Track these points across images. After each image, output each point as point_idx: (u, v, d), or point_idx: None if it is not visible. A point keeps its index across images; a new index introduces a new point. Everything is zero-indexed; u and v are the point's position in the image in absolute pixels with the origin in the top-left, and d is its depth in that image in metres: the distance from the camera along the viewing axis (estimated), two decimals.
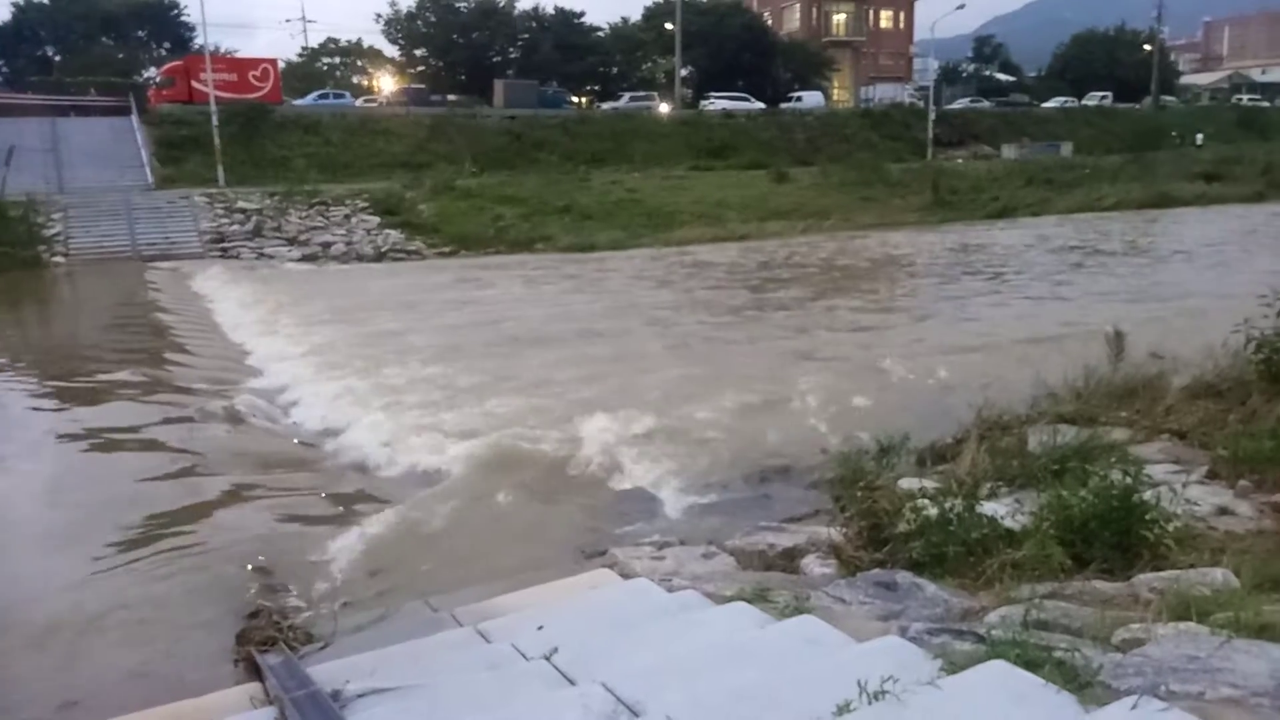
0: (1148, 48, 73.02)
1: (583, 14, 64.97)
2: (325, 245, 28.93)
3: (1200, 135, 57.79)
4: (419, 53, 64.03)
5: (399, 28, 63.56)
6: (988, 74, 78.42)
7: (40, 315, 21.65)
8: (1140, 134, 56.86)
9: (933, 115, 52.85)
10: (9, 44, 56.77)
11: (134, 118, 36.69)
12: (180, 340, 16.24)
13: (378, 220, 31.04)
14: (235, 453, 9.54)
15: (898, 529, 5.30)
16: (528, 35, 63.15)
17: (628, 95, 57.02)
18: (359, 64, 72.16)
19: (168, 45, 61.10)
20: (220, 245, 28.40)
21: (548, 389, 11.84)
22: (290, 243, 28.97)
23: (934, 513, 5.17)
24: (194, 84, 41.14)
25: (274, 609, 5.56)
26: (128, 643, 5.48)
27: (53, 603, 6.03)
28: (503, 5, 63.40)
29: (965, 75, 78.05)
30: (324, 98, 51.74)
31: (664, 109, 53.88)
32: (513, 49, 63.44)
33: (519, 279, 23.60)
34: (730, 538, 6.21)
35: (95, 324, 19.23)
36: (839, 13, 73.07)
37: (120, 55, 55.12)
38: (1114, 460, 5.88)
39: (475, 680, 3.83)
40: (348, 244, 29.20)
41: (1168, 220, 35.30)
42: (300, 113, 43.98)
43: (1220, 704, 2.70)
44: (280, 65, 48.36)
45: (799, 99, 58.16)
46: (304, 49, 73.70)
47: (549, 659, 3.85)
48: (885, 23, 75.23)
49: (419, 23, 62.87)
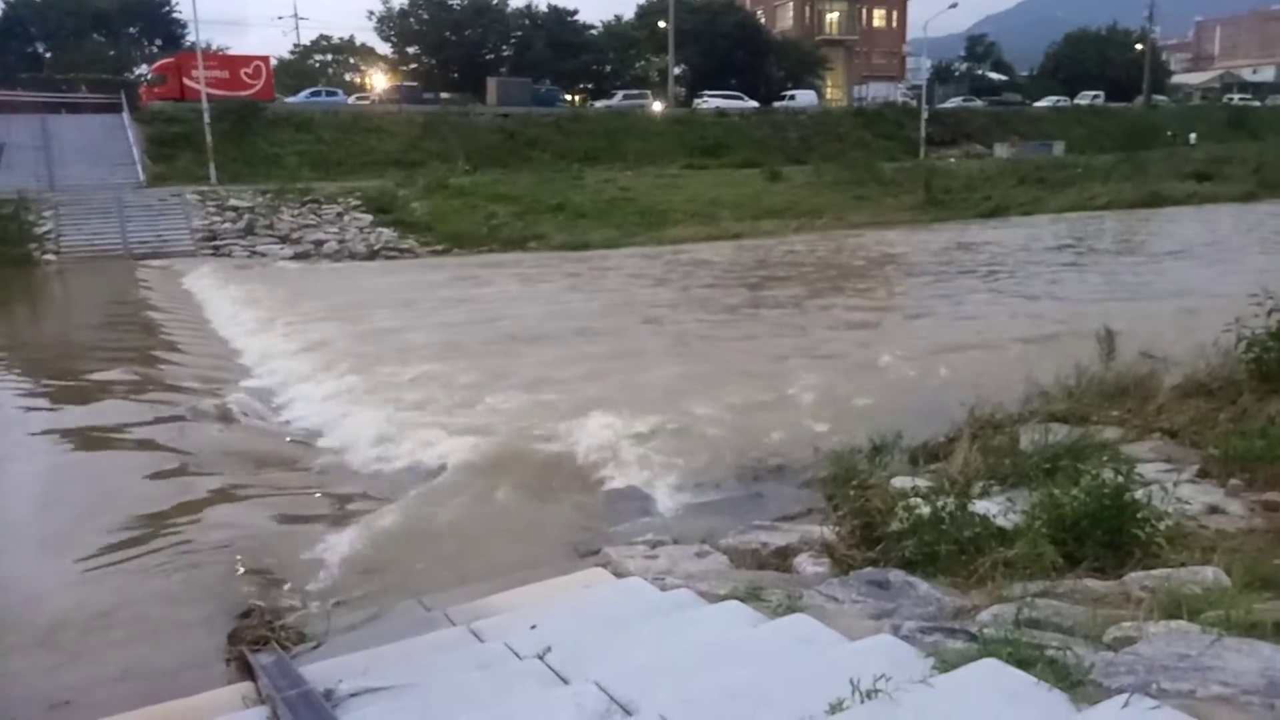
0: (1139, 47, 73.21)
1: (576, 12, 65.03)
2: (318, 243, 28.88)
3: (1193, 134, 58.13)
4: (412, 50, 63.89)
5: (391, 25, 63.40)
6: (980, 73, 78.56)
7: (31, 314, 21.56)
8: (1132, 133, 57.09)
9: (925, 114, 52.96)
10: None
11: (125, 115, 36.61)
12: (172, 339, 16.19)
13: (370, 218, 31.00)
14: (227, 451, 9.50)
15: (890, 528, 5.30)
16: (521, 33, 63.08)
17: (621, 93, 56.95)
18: (351, 61, 71.99)
19: (159, 42, 60.86)
20: (212, 243, 28.34)
21: (544, 387, 11.81)
22: (282, 241, 28.90)
23: (926, 511, 5.18)
24: (185, 81, 41.06)
25: (266, 608, 5.56)
26: (119, 642, 5.46)
27: (44, 603, 6.01)
28: (496, 3, 63.31)
29: (958, 74, 78.14)
30: (316, 95, 51.59)
31: (657, 107, 53.84)
32: (506, 47, 63.35)
33: (515, 277, 23.56)
34: (723, 536, 6.21)
35: (87, 322, 19.17)
36: (832, 11, 73.14)
37: (111, 52, 54.84)
38: (1106, 459, 5.90)
39: (468, 679, 3.82)
40: (340, 242, 29.14)
41: (1159, 220, 35.41)
42: (292, 110, 43.90)
43: (1211, 702, 2.71)
44: (272, 62, 48.24)
45: (792, 97, 58.22)
46: (296, 46, 73.79)
47: (542, 658, 3.85)
48: (878, 21, 75.29)
49: (411, 20, 62.74)
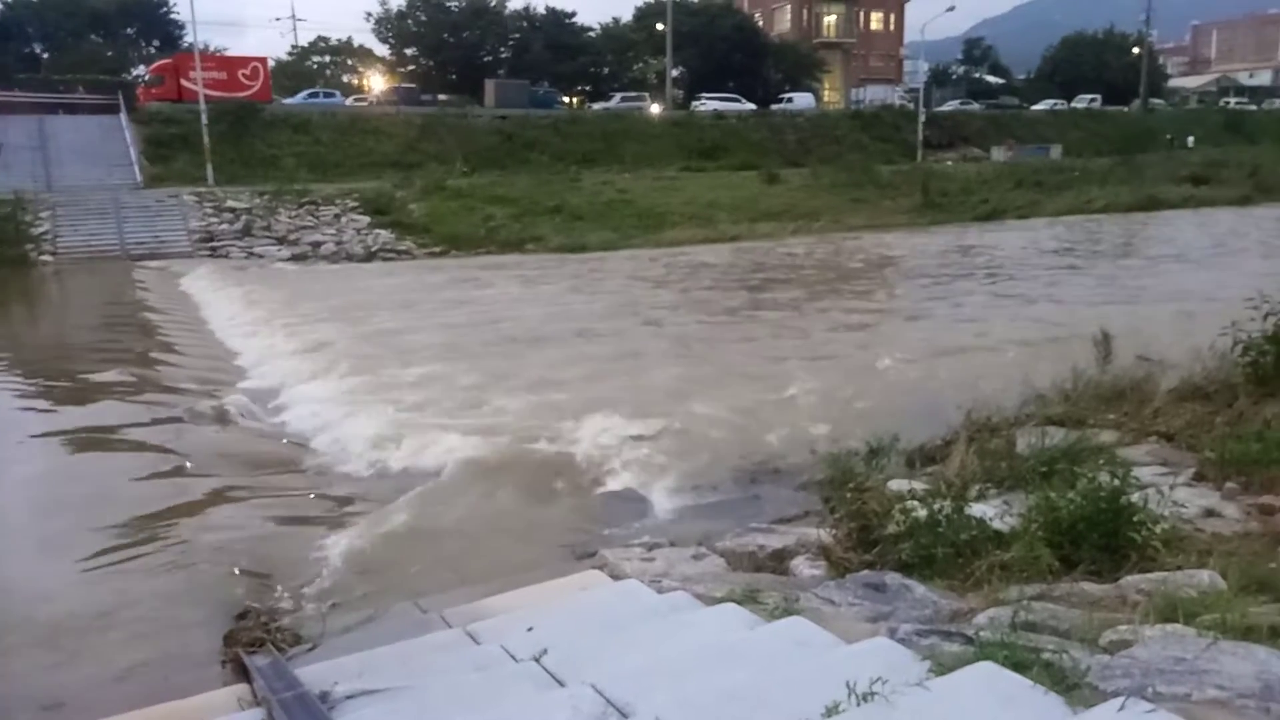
0: (1136, 51, 73.37)
1: (574, 14, 65.04)
2: (315, 245, 28.86)
3: (1191, 138, 58.33)
4: (409, 52, 63.85)
5: (389, 27, 63.38)
6: (977, 76, 78.69)
7: (28, 314, 21.51)
8: (1129, 137, 57.14)
9: (923, 117, 53.00)
10: None
11: (123, 116, 36.54)
12: (169, 340, 16.17)
13: (368, 220, 30.96)
14: (224, 453, 9.49)
15: (887, 530, 5.30)
16: (519, 35, 63.08)
17: (619, 96, 56.91)
18: (349, 63, 71.87)
19: (157, 43, 60.81)
20: (209, 244, 28.31)
21: (545, 389, 11.81)
22: (280, 242, 28.87)
23: (923, 514, 5.18)
24: (183, 82, 41.01)
25: (262, 610, 5.55)
26: (114, 644, 5.45)
27: (40, 604, 5.99)
28: (494, 5, 63.31)
29: (955, 77, 78.21)
30: (314, 97, 51.48)
31: (655, 109, 53.84)
32: (504, 49, 63.35)
33: (515, 279, 23.55)
34: (720, 539, 6.21)
35: (83, 323, 19.14)
36: (829, 14, 73.19)
37: (109, 53, 54.81)
38: (1102, 462, 5.91)
39: (464, 682, 3.82)
40: (337, 243, 29.12)
41: (1156, 223, 35.46)
42: (290, 112, 43.85)
43: (1206, 705, 2.71)
44: (270, 64, 48.22)
45: (790, 100, 58.21)
46: (294, 47, 73.70)
47: (538, 660, 3.85)
48: (875, 24, 75.33)
49: (409, 22, 62.71)
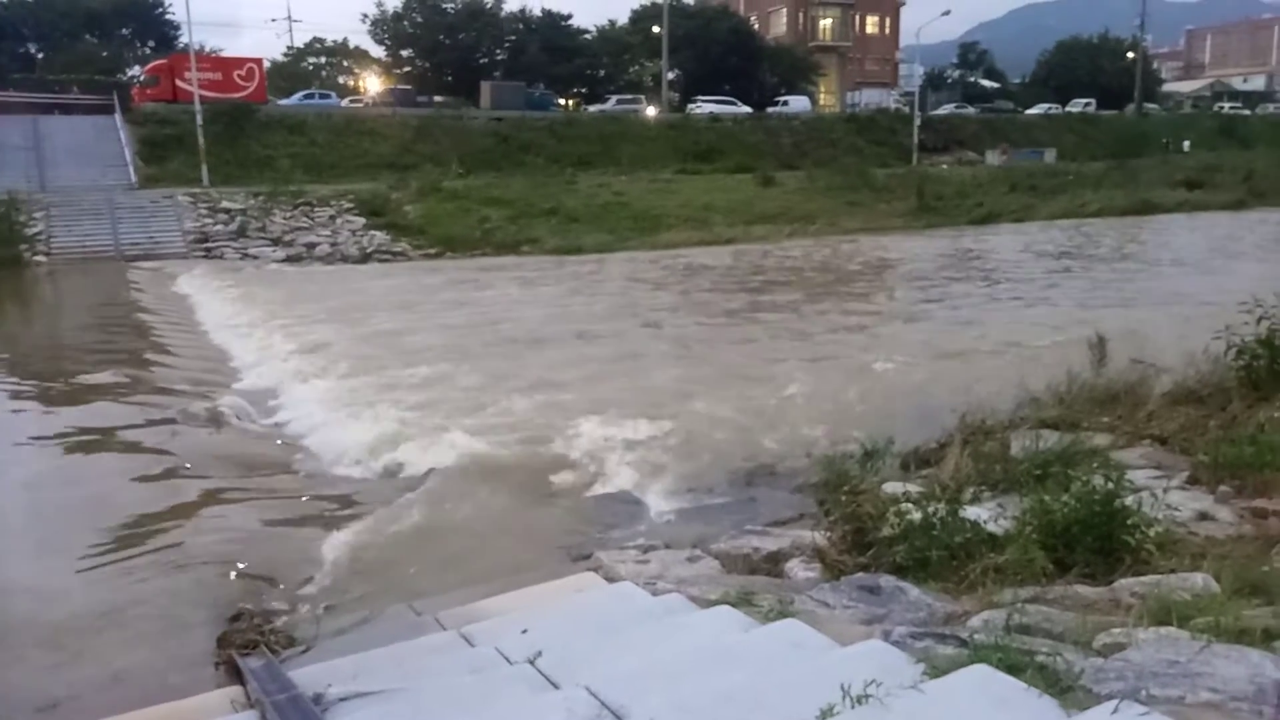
0: (1131, 55, 73.70)
1: (570, 16, 65.09)
2: (310, 246, 28.82)
3: (1187, 142, 58.56)
4: (405, 53, 63.79)
5: (385, 28, 63.31)
6: (973, 80, 78.95)
7: (21, 315, 21.42)
8: (1123, 141, 57.39)
9: (918, 121, 53.11)
10: None
11: (117, 116, 36.45)
12: (164, 341, 16.13)
13: (363, 221, 30.94)
14: (218, 455, 9.46)
15: (881, 533, 5.30)
16: (515, 37, 63.03)
17: (615, 98, 56.91)
18: (345, 64, 71.75)
19: (152, 44, 60.67)
20: (204, 245, 28.26)
21: (544, 390, 11.82)
22: (274, 243, 28.84)
23: (917, 517, 5.19)
24: (178, 83, 40.87)
25: (256, 612, 5.53)
26: (108, 646, 5.42)
27: (32, 606, 5.97)
28: (490, 6, 63.29)
29: (950, 81, 78.47)
30: (309, 98, 51.42)
31: (651, 112, 53.87)
32: (500, 50, 63.30)
33: (514, 280, 23.56)
34: (715, 541, 6.21)
35: (77, 324, 19.08)
36: (825, 18, 73.40)
37: (104, 53, 54.63)
38: (1096, 465, 5.92)
39: (458, 684, 3.82)
40: (332, 245, 29.10)
41: (1151, 227, 35.57)
42: (285, 113, 43.77)
43: (1200, 708, 2.72)
44: (265, 65, 48.07)
45: (785, 103, 58.31)
46: (289, 48, 73.47)
47: (533, 663, 3.85)
48: (871, 28, 75.55)
49: (405, 23, 62.66)
